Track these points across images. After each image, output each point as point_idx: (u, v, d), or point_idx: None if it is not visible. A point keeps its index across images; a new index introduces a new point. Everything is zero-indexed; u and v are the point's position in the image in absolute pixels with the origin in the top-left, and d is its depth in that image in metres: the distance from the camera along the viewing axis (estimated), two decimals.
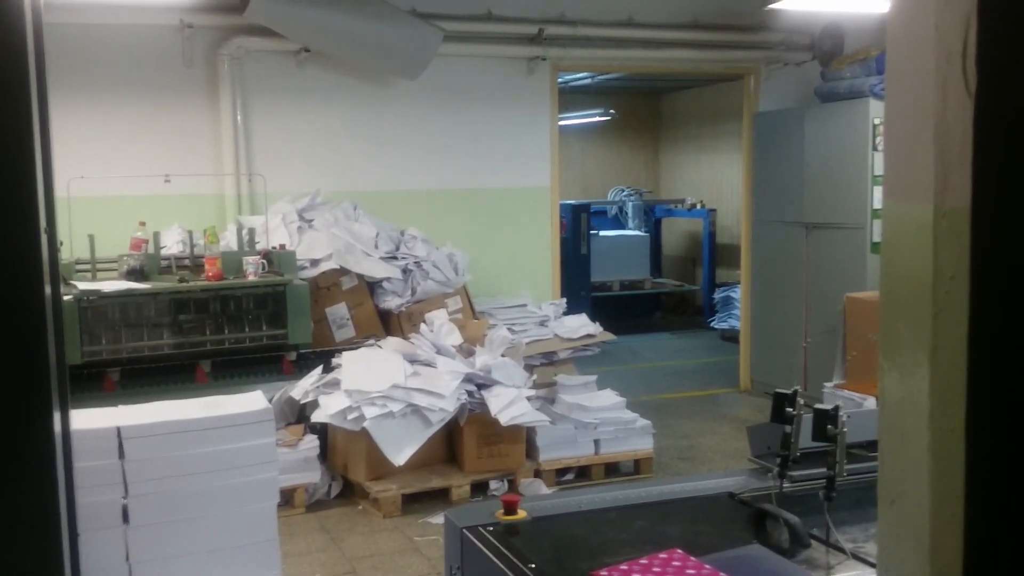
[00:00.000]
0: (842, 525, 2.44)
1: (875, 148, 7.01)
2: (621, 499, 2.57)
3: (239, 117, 6.47)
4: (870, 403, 6.30)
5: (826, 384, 7.10)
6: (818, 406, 2.49)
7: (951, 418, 1.00)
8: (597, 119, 12.54)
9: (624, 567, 1.61)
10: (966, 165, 0.98)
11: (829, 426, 2.44)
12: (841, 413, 2.46)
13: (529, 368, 6.00)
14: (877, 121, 7.00)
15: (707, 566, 1.66)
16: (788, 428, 2.57)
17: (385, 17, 6.40)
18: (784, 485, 2.59)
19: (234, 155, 6.46)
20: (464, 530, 2.33)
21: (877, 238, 7.06)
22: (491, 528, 2.33)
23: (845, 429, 2.43)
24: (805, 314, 7.61)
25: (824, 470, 2.48)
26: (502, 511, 2.42)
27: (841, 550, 2.33)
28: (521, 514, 2.41)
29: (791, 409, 2.55)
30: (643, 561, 1.65)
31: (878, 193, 7.05)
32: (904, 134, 1.08)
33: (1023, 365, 0.98)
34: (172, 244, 5.95)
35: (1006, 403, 0.98)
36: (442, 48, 6.57)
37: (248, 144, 6.56)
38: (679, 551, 1.73)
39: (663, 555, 1.69)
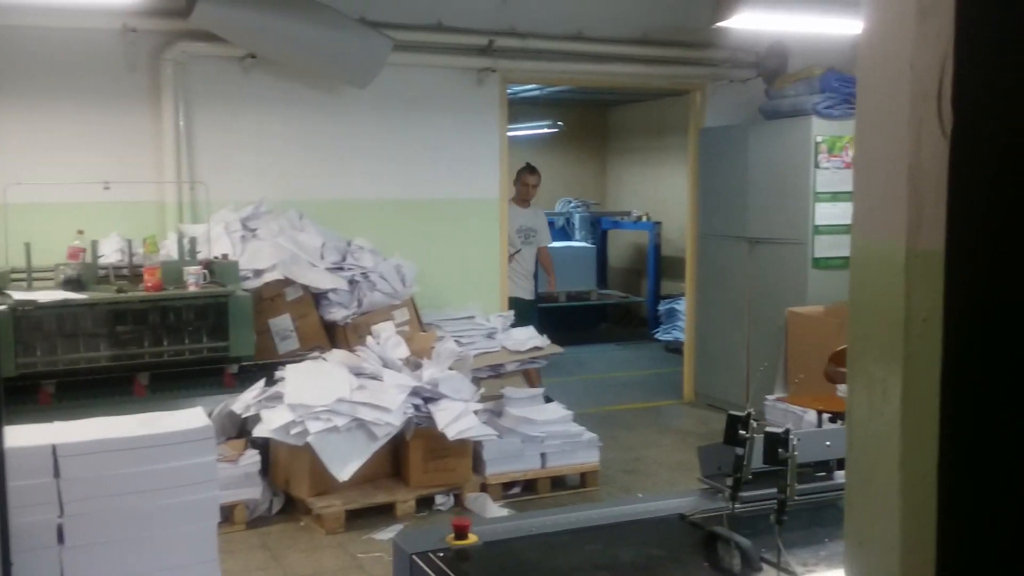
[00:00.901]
0: (792, 547, 2.45)
1: (817, 165, 7.12)
2: (573, 522, 2.55)
3: (182, 123, 6.33)
4: (810, 417, 6.38)
5: (768, 397, 7.19)
6: (769, 429, 2.49)
7: (924, 462, 0.99)
8: (545, 131, 12.56)
9: None
10: (941, 207, 0.97)
11: (780, 449, 2.44)
12: (791, 436, 2.47)
13: (476, 381, 5.96)
14: (819, 139, 7.11)
15: None
16: (740, 450, 2.57)
17: (333, 24, 6.32)
18: (735, 507, 2.59)
19: (176, 162, 6.32)
20: (414, 556, 2.29)
21: (818, 253, 7.18)
22: (441, 554, 2.28)
23: (796, 453, 2.44)
24: (748, 327, 7.68)
25: (774, 490, 2.48)
26: (453, 535, 2.37)
27: (793, 574, 2.33)
28: (472, 538, 2.37)
29: (744, 432, 2.55)
30: None
31: (819, 209, 7.16)
32: (876, 173, 1.07)
33: (997, 409, 0.97)
34: (110, 253, 5.79)
35: (980, 447, 0.97)
36: (392, 57, 6.52)
37: (191, 151, 6.42)
38: None
39: None
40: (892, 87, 1.02)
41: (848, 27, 6.38)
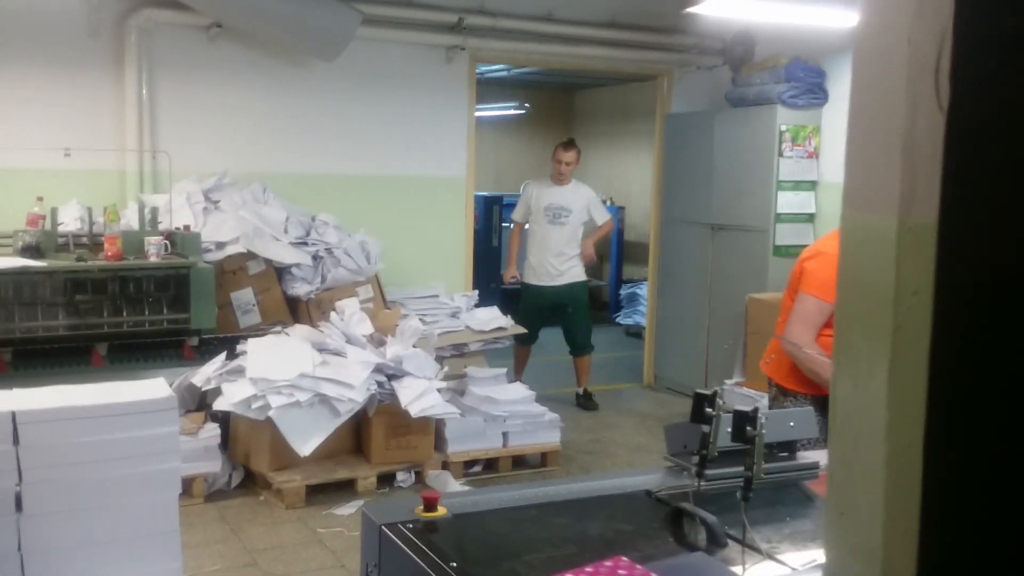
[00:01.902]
0: (756, 524, 2.48)
1: (780, 154, 7.19)
2: (541, 496, 2.55)
3: (144, 92, 6.23)
4: (764, 402, 6.45)
5: (726, 381, 7.26)
6: (738, 407, 2.52)
7: (909, 433, 1.01)
8: (511, 112, 12.52)
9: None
10: (934, 180, 0.98)
11: (748, 427, 2.47)
12: (760, 415, 2.50)
13: (439, 359, 5.95)
14: (784, 128, 7.18)
15: (653, 575, 1.65)
16: (706, 428, 2.59)
17: None
18: (701, 484, 2.61)
19: (138, 131, 6.22)
20: (383, 527, 2.28)
21: (779, 241, 7.26)
22: (411, 525, 2.28)
23: (764, 431, 2.47)
24: (708, 313, 7.75)
25: (739, 469, 2.51)
26: (422, 507, 2.37)
27: (757, 550, 2.37)
28: (441, 511, 2.37)
29: (711, 409, 2.57)
30: (588, 569, 1.63)
31: (782, 198, 7.24)
32: (869, 145, 1.08)
33: (985, 383, 0.98)
34: (70, 221, 5.69)
35: (966, 420, 0.99)
36: (360, 32, 6.45)
37: (153, 120, 6.32)
38: (624, 559, 1.72)
39: (608, 563, 1.68)
40: (889, 62, 1.03)
41: (815, 17, 6.42)
